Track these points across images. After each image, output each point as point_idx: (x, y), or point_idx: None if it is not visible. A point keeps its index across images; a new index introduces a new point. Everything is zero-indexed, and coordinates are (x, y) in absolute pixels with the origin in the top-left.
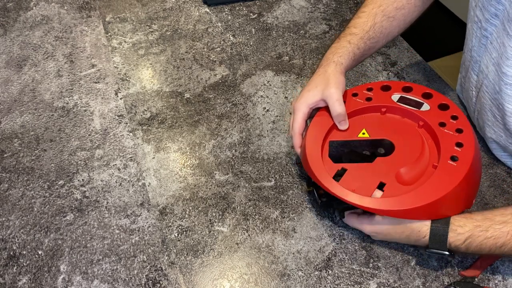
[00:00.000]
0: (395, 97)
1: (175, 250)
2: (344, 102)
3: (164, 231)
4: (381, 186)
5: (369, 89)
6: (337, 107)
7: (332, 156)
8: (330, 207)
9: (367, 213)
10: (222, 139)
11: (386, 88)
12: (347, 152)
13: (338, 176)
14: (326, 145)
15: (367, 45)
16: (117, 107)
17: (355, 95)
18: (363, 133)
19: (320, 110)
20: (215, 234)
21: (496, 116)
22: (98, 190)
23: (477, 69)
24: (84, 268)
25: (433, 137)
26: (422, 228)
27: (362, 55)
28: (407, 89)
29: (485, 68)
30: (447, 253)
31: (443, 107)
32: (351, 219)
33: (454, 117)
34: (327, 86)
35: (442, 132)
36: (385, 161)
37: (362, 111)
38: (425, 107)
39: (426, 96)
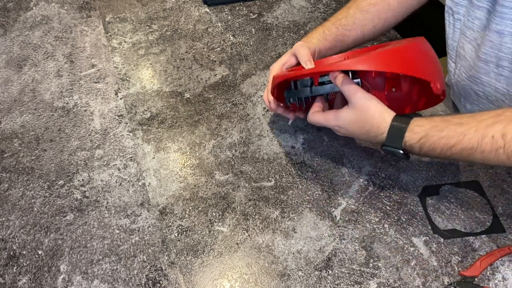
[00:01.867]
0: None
1: (175, 250)
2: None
3: (164, 231)
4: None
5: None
6: (302, 50)
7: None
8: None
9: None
10: (222, 139)
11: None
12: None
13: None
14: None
15: (339, 31)
16: (117, 107)
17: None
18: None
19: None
20: (215, 234)
21: (477, 93)
22: (98, 190)
23: (454, 55)
24: (84, 268)
25: None
26: (382, 125)
27: (335, 39)
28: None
29: (462, 50)
30: (401, 151)
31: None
32: (316, 116)
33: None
34: (294, 46)
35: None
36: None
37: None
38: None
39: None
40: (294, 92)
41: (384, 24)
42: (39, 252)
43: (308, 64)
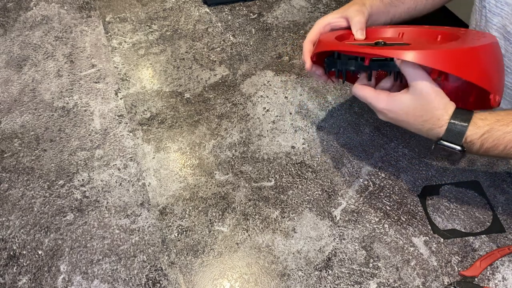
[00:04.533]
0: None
1: (175, 250)
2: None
3: (164, 231)
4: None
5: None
6: (356, 15)
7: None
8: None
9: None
10: (222, 139)
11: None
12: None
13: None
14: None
15: None
16: (117, 107)
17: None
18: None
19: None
20: (215, 234)
21: (506, 84)
22: (98, 190)
23: None
24: (84, 268)
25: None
26: (443, 116)
27: (390, 3)
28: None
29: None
30: (459, 148)
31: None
32: (365, 90)
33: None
34: (348, 7)
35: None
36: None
37: (379, 32)
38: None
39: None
40: (337, 61)
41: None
42: (39, 252)
43: (359, 34)
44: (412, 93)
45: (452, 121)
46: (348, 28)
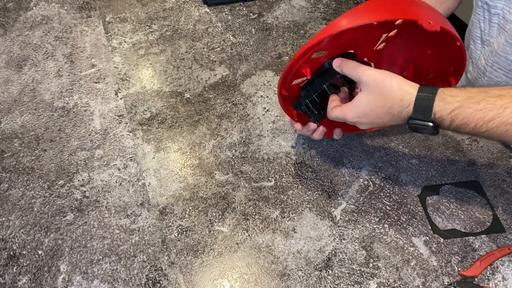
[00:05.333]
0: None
1: (175, 250)
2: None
3: (164, 231)
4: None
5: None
6: None
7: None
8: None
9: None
10: (222, 139)
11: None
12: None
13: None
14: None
15: None
16: (117, 107)
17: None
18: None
19: None
20: (215, 234)
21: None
22: (98, 190)
23: (489, 51)
24: (84, 268)
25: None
26: (405, 97)
27: None
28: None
29: (497, 46)
30: (431, 124)
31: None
32: (334, 111)
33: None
34: None
35: None
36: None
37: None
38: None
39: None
40: (300, 100)
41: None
42: (39, 252)
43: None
44: (364, 89)
45: (417, 99)
46: None
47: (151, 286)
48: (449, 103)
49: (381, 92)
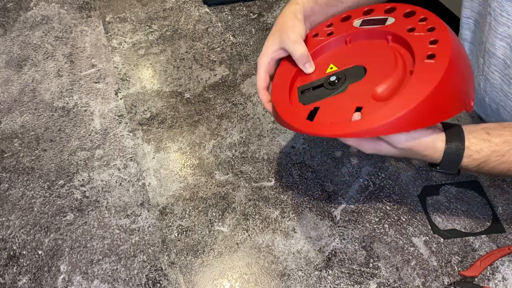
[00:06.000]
0: (357, 22)
1: (175, 250)
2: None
3: (164, 231)
4: (359, 111)
5: (329, 25)
6: (297, 49)
7: (303, 100)
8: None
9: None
10: (222, 139)
11: (346, 18)
12: (317, 91)
13: (312, 115)
14: (295, 92)
15: None
16: (117, 107)
17: (315, 35)
18: (331, 68)
19: (283, 60)
20: (215, 234)
21: (507, 94)
22: (98, 190)
23: (483, 50)
24: (84, 268)
25: (404, 45)
26: (434, 155)
27: (327, 3)
28: (368, 12)
29: (491, 47)
30: (454, 173)
31: (409, 14)
32: (369, 144)
33: (423, 19)
34: (283, 32)
35: (413, 36)
36: (358, 85)
37: (325, 48)
38: (390, 20)
39: (389, 10)
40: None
41: None
42: (39, 252)
43: (308, 69)
44: (396, 149)
45: (445, 156)
46: (290, 56)
47: (151, 286)
48: (475, 159)
49: (413, 152)
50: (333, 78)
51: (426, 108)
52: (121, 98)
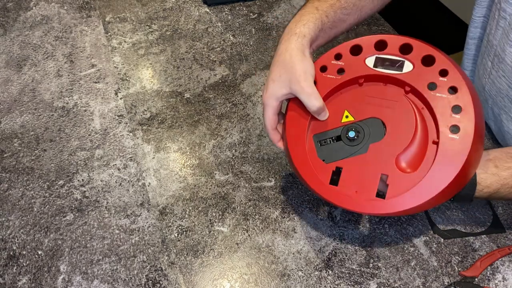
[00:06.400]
0: (370, 60)
1: (175, 250)
2: (315, 82)
3: (164, 231)
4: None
5: (338, 56)
6: (314, 103)
7: (322, 155)
8: None
9: None
10: (222, 139)
11: (356, 51)
12: (336, 145)
13: (334, 178)
14: (310, 141)
15: (338, 16)
16: (117, 107)
17: (323, 69)
18: (347, 116)
19: (291, 102)
20: (215, 234)
21: None
22: (98, 190)
23: (492, 54)
24: (84, 268)
25: (424, 103)
26: None
27: (331, 27)
28: (381, 47)
29: (502, 52)
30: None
31: (428, 61)
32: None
33: (444, 73)
34: (293, 78)
35: (434, 98)
36: (380, 147)
37: (337, 88)
38: (407, 66)
39: (405, 50)
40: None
41: (381, 3)
42: (39, 252)
43: (323, 117)
44: None
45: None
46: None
47: (151, 286)
48: (485, 192)
49: None
50: (352, 135)
51: (452, 188)
52: (121, 98)
